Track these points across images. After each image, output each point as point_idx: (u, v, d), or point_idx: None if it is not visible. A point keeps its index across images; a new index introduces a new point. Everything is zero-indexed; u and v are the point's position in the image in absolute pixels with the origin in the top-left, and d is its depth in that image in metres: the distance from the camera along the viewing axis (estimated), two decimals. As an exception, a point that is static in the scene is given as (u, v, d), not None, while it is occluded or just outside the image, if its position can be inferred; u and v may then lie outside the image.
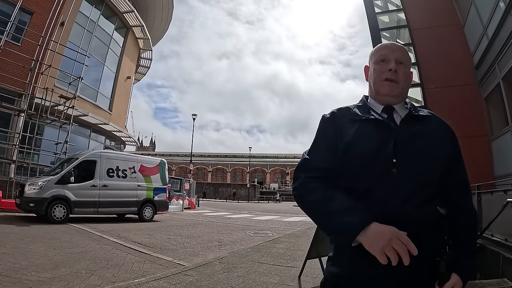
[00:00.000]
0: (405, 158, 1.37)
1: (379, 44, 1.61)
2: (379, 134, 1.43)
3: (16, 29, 17.52)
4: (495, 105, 9.30)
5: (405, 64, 1.52)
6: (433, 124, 1.47)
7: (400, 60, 1.51)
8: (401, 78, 1.50)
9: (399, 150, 1.38)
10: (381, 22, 12.06)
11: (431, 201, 1.37)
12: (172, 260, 6.70)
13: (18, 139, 16.94)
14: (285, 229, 13.59)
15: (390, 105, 1.51)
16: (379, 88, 1.52)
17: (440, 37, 10.62)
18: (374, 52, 1.59)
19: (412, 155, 1.37)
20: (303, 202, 1.47)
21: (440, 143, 1.43)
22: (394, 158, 1.37)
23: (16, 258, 5.96)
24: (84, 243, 8.04)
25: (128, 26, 28.02)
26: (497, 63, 8.66)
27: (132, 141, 32.19)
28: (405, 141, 1.40)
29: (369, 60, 1.62)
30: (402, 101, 1.54)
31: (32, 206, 11.51)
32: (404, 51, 1.56)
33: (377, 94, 1.55)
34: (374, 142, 1.41)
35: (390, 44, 1.59)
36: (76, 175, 12.61)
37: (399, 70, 1.49)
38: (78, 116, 20.91)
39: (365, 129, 1.45)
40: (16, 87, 17.21)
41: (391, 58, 1.51)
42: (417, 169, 1.36)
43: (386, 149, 1.39)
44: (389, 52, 1.53)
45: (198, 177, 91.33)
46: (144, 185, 14.96)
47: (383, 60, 1.52)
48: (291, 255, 7.37)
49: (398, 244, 1.19)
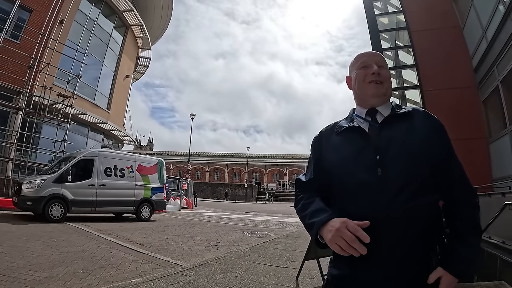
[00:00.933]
0: (389, 157, 1.40)
1: (357, 54, 1.69)
2: (359, 138, 1.50)
3: (15, 26, 17.44)
4: (494, 107, 9.32)
5: (385, 67, 1.62)
6: (416, 119, 1.49)
7: (379, 64, 1.60)
8: (385, 78, 1.58)
9: (381, 149, 1.42)
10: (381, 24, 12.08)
11: (422, 197, 1.37)
12: (170, 260, 6.69)
13: (16, 137, 16.89)
14: (282, 229, 13.59)
15: (373, 108, 1.57)
16: (365, 90, 1.60)
17: (439, 39, 10.64)
18: (354, 62, 1.69)
19: (396, 152, 1.40)
20: (297, 214, 1.63)
21: (424, 137, 1.43)
22: (377, 156, 1.41)
23: (13, 257, 5.94)
24: (82, 242, 8.02)
25: (128, 25, 28.00)
26: (496, 66, 8.68)
27: (130, 140, 32.15)
28: (387, 140, 1.44)
29: (350, 70, 1.71)
30: (387, 101, 1.61)
31: (30, 205, 11.49)
32: (382, 56, 1.66)
33: (363, 98, 1.62)
34: (355, 146, 1.49)
35: (368, 51, 1.69)
36: (73, 173, 12.60)
37: (381, 72, 1.57)
38: (76, 114, 20.87)
39: (347, 137, 1.55)
40: (15, 85, 17.14)
41: (372, 63, 1.60)
42: (403, 166, 1.38)
43: (367, 151, 1.44)
44: (368, 58, 1.63)
45: (196, 176, 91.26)
46: (142, 185, 14.96)
47: (365, 66, 1.60)
48: (289, 256, 7.37)
49: (345, 233, 1.27)
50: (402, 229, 1.32)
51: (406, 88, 11.74)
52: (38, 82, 17.82)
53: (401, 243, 1.33)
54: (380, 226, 1.33)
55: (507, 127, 8.33)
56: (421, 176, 1.38)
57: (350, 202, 1.43)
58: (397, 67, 12.10)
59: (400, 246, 1.32)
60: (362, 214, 1.34)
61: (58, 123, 19.05)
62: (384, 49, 11.73)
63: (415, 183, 1.36)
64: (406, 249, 1.33)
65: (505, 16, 7.84)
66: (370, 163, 1.41)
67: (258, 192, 72.52)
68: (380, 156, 1.40)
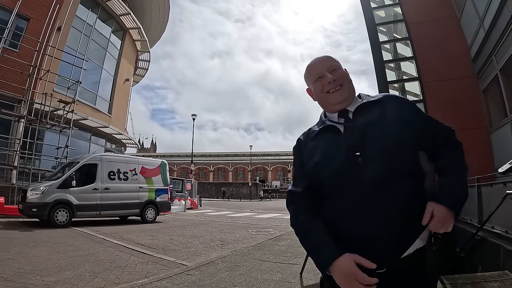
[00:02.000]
0: (367, 147, 1.42)
1: (307, 65, 1.69)
2: (334, 136, 1.52)
3: (14, 35, 17.54)
4: (494, 97, 9.29)
5: (338, 68, 1.61)
6: (387, 105, 1.51)
7: (331, 68, 1.59)
8: (342, 79, 1.58)
9: (358, 141, 1.44)
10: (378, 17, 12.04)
11: (409, 180, 1.40)
12: (175, 261, 6.74)
13: (19, 145, 16.96)
14: (287, 226, 13.57)
15: (344, 109, 1.57)
16: (328, 100, 1.60)
17: (436, 30, 10.61)
18: (307, 75, 1.70)
19: (373, 140, 1.42)
20: (295, 231, 1.62)
21: (398, 118, 1.46)
22: (355, 149, 1.43)
23: (21, 263, 6.01)
24: (87, 246, 8.09)
25: (125, 28, 28.03)
26: (494, 55, 8.65)
27: (132, 143, 32.22)
28: (362, 130, 1.46)
29: (308, 83, 1.73)
30: (354, 98, 1.61)
31: (35, 211, 11.58)
32: (330, 58, 1.65)
33: (328, 107, 1.63)
34: (332, 144, 1.51)
35: (316, 60, 1.67)
36: (77, 179, 12.68)
37: (336, 75, 1.57)
38: (78, 120, 20.91)
39: (321, 139, 1.57)
40: (15, 93, 17.25)
41: (324, 71, 1.59)
42: (383, 152, 1.40)
43: (344, 146, 1.46)
44: (319, 67, 1.62)
45: (200, 177, 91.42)
46: (145, 187, 15.02)
47: (319, 77, 1.60)
48: (293, 252, 7.39)
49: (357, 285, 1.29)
50: (389, 216, 1.35)
51: (405, 80, 11.70)
52: (39, 90, 17.88)
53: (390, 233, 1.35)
54: (369, 218, 1.36)
55: (508, 116, 8.30)
56: (403, 160, 1.40)
57: (339, 200, 1.45)
58: (396, 59, 12.06)
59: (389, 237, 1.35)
60: (350, 210, 1.40)
61: (60, 129, 19.13)
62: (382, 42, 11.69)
63: (398, 168, 1.39)
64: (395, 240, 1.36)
65: (501, 4, 7.81)
66: (350, 157, 1.43)
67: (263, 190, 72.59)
68: (360, 151, 1.42)
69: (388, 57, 11.94)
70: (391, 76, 11.67)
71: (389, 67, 11.67)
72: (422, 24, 10.83)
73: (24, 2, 17.65)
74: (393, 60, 12.09)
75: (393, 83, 11.65)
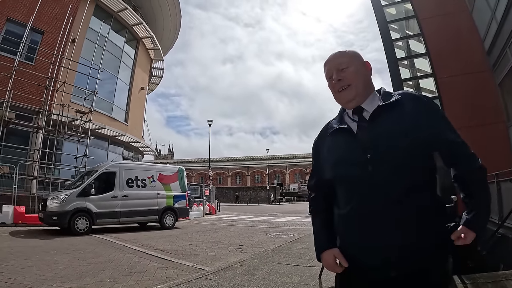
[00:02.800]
0: (378, 153, 1.43)
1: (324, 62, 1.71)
2: (348, 139, 1.55)
3: (29, 49, 17.96)
4: (510, 90, 9.12)
5: (348, 65, 1.60)
6: (405, 105, 1.51)
7: (340, 67, 1.60)
8: (350, 78, 1.58)
9: (370, 146, 1.45)
10: (388, 14, 11.93)
11: (420, 186, 1.42)
12: (194, 265, 6.75)
13: (38, 156, 17.31)
14: (306, 229, 13.52)
15: (358, 106, 1.59)
16: (339, 100, 1.64)
17: (448, 24, 10.45)
18: (324, 72, 1.71)
19: (385, 148, 1.43)
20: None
21: (415, 122, 1.45)
22: (367, 154, 1.45)
23: (42, 270, 6.08)
24: (108, 253, 8.16)
25: (138, 38, 28.33)
26: (508, 47, 8.49)
27: (149, 150, 32.48)
28: (375, 136, 1.47)
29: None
30: (368, 95, 1.61)
31: (55, 219, 11.74)
32: (341, 55, 1.65)
33: (342, 104, 1.67)
34: (345, 147, 1.54)
35: (328, 58, 1.68)
36: (96, 187, 12.82)
37: (344, 74, 1.58)
38: (95, 129, 21.20)
39: (337, 138, 1.60)
40: (33, 105, 17.61)
41: (333, 70, 1.62)
42: (393, 161, 1.41)
43: (357, 150, 1.48)
44: (329, 66, 1.65)
45: (218, 182, 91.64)
46: (163, 193, 15.09)
47: (330, 77, 1.64)
48: (312, 255, 7.32)
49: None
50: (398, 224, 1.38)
51: (420, 77, 11.55)
52: (56, 101, 18.25)
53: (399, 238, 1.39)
54: (377, 222, 1.40)
55: (526, 109, 8.15)
56: (415, 163, 1.42)
57: (347, 200, 1.51)
58: (409, 56, 11.90)
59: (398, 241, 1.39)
60: (359, 211, 1.46)
61: (78, 139, 19.44)
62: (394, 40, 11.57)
63: (408, 176, 1.41)
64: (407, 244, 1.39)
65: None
66: (361, 161, 1.45)
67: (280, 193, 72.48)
68: (370, 154, 1.44)
69: (401, 55, 11.80)
70: (405, 73, 11.53)
71: (402, 65, 11.53)
72: (433, 19, 10.68)
73: (38, 16, 18.02)
74: (407, 57, 11.94)
75: (408, 80, 11.50)
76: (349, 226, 1.51)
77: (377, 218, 1.39)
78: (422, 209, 1.40)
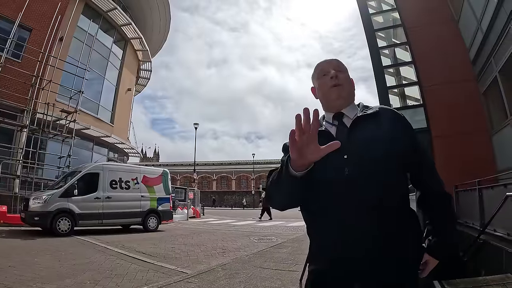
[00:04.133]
0: (356, 157, 1.44)
1: (316, 64, 1.77)
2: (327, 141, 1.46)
3: (16, 45, 17.70)
4: (494, 99, 9.30)
5: (343, 71, 1.67)
6: (383, 118, 1.56)
7: (337, 68, 1.66)
8: (344, 81, 1.64)
9: (349, 150, 1.45)
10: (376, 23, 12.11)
11: (390, 194, 1.43)
12: (175, 268, 6.71)
13: (21, 154, 17.05)
14: (289, 234, 13.58)
15: (339, 112, 1.63)
16: (329, 95, 1.65)
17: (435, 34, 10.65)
18: (314, 72, 1.76)
19: (363, 152, 1.45)
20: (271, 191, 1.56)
21: (392, 135, 1.48)
22: (345, 155, 1.45)
23: (22, 271, 5.99)
24: (89, 255, 8.08)
25: (127, 38, 28.21)
26: (493, 57, 8.68)
27: (135, 152, 32.28)
28: (354, 140, 1.49)
29: (313, 80, 1.79)
30: (351, 103, 1.67)
31: (37, 220, 11.56)
32: (339, 61, 1.72)
33: (328, 103, 1.68)
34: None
35: (324, 60, 1.75)
36: (79, 187, 12.67)
37: (339, 75, 1.63)
38: (80, 129, 21.01)
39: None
40: (18, 103, 17.33)
41: (329, 69, 1.66)
42: (370, 165, 1.42)
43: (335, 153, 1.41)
44: (326, 66, 1.70)
45: (203, 185, 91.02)
46: (147, 196, 14.99)
47: (324, 74, 1.67)
48: (294, 260, 7.38)
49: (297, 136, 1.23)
50: (372, 226, 1.38)
51: (405, 85, 11.73)
52: (41, 100, 18.01)
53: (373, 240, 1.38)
54: (352, 223, 1.40)
55: (508, 118, 8.30)
56: (389, 173, 1.44)
57: (323, 204, 1.49)
58: (395, 65, 12.09)
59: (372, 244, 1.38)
60: (335, 215, 1.44)
61: (62, 138, 19.24)
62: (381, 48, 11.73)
63: (382, 181, 1.42)
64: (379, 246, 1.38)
65: (498, 5, 7.85)
66: (338, 163, 1.45)
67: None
68: (348, 156, 1.45)
69: (387, 62, 11.97)
70: (391, 81, 11.70)
71: (388, 73, 11.70)
72: (420, 28, 10.88)
73: (26, 13, 17.76)
74: (393, 65, 12.12)
75: (393, 88, 11.67)
76: (323, 231, 1.51)
77: (350, 225, 1.39)
78: (396, 220, 1.41)
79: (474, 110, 9.84)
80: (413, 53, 10.88)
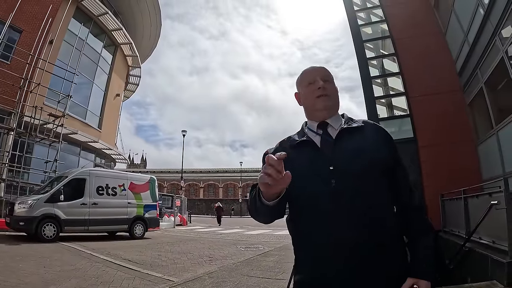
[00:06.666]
0: (342, 168, 1.43)
1: (303, 70, 1.75)
2: (312, 151, 1.54)
3: (5, 47, 17.54)
4: (479, 109, 9.46)
5: (330, 81, 1.67)
6: (367, 132, 1.56)
7: (324, 78, 1.65)
8: (330, 92, 1.63)
9: (335, 161, 1.45)
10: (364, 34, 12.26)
11: (376, 205, 1.43)
12: (162, 276, 6.67)
13: (7, 158, 16.79)
14: (276, 242, 13.57)
15: (323, 121, 1.62)
16: (314, 105, 1.64)
17: (422, 46, 10.83)
18: (300, 79, 1.74)
19: (350, 163, 1.44)
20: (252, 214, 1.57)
21: (375, 148, 1.50)
22: (330, 167, 1.44)
23: (6, 277, 5.91)
24: (74, 261, 7.98)
25: (117, 43, 28.10)
26: (479, 68, 8.84)
27: (122, 158, 32.03)
28: (340, 151, 1.49)
29: (298, 87, 1.76)
30: (336, 114, 1.66)
31: (22, 225, 11.39)
32: (326, 70, 1.71)
33: (313, 112, 1.67)
34: (308, 159, 1.52)
35: (312, 67, 1.73)
36: (65, 193, 12.51)
37: (327, 86, 1.63)
38: (68, 134, 20.82)
39: (300, 151, 1.56)
40: (5, 106, 17.11)
41: (317, 78, 1.64)
42: (357, 176, 1.42)
43: (320, 163, 1.47)
44: (313, 74, 1.68)
45: (190, 193, 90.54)
46: (134, 202, 14.87)
47: (311, 83, 1.65)
48: (281, 268, 7.39)
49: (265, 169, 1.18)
50: (360, 237, 1.37)
51: (392, 95, 11.87)
52: (29, 103, 17.76)
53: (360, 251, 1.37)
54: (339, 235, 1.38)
55: (493, 128, 8.45)
56: (375, 185, 1.44)
57: (310, 215, 1.47)
58: (383, 75, 12.24)
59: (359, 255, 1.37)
60: (322, 227, 1.42)
61: (49, 143, 19.01)
62: (369, 59, 11.88)
63: (369, 192, 1.42)
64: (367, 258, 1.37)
65: (484, 18, 8.02)
66: (324, 174, 1.44)
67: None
68: (334, 167, 1.44)
69: (375, 73, 12.11)
70: (378, 91, 11.83)
71: (376, 83, 11.84)
72: (408, 40, 11.05)
73: (17, 14, 17.61)
74: (380, 75, 12.26)
75: (380, 98, 11.80)
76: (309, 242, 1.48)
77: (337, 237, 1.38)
78: (383, 231, 1.41)
79: (460, 121, 10.00)
80: (400, 64, 11.04)
